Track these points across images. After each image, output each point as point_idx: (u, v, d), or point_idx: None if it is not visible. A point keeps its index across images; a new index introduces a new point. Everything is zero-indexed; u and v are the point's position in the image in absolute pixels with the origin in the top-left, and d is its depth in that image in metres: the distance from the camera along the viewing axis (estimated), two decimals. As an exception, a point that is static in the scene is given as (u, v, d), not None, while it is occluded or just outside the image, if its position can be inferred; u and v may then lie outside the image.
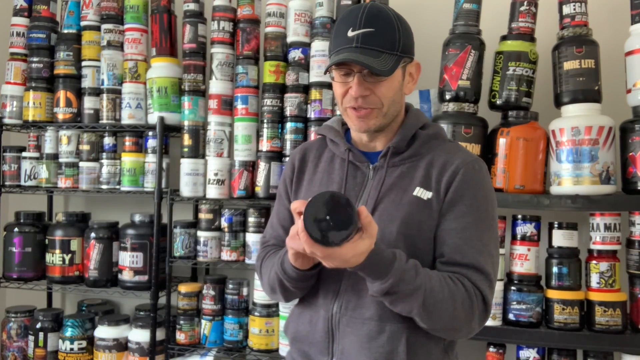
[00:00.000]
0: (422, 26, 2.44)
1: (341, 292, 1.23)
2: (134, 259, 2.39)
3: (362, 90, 1.19)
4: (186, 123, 2.38)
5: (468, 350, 2.32)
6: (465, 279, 1.16)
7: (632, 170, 1.92)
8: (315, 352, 1.25)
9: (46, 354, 2.48)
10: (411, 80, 1.28)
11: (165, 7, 2.46)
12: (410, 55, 1.24)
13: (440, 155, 1.25)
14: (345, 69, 1.20)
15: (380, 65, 1.15)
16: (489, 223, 1.22)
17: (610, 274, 1.94)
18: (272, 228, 1.39)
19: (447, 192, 1.20)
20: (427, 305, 1.11)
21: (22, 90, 2.60)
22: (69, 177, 2.53)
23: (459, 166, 1.22)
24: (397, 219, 1.19)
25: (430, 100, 2.33)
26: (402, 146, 1.26)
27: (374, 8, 1.19)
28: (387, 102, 1.21)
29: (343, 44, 1.19)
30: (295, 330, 1.30)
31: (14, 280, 2.54)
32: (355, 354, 1.19)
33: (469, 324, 1.17)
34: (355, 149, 1.30)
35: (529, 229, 2.02)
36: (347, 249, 1.02)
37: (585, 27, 2.00)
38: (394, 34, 1.18)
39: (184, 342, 2.35)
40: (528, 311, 1.97)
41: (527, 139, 2.00)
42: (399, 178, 1.24)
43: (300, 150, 1.40)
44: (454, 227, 1.19)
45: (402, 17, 1.26)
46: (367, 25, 1.17)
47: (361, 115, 1.21)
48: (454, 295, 1.13)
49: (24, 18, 2.63)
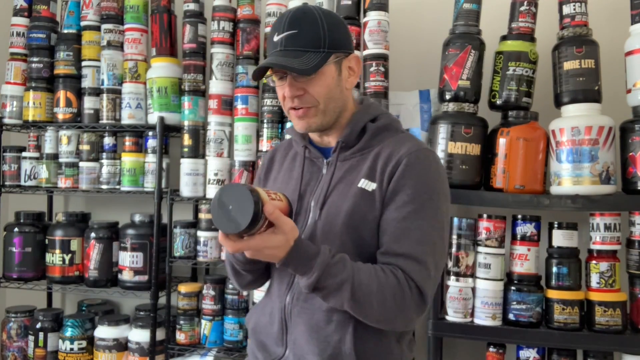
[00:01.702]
0: (422, 26, 2.46)
1: (294, 283, 1.26)
2: (134, 259, 2.39)
3: (295, 90, 1.22)
4: (186, 123, 2.38)
5: (468, 351, 2.33)
6: (398, 270, 1.16)
7: (632, 170, 1.92)
8: (271, 342, 1.29)
9: (46, 354, 2.48)
10: (352, 74, 1.29)
11: (165, 7, 2.46)
12: (343, 50, 1.25)
13: (388, 147, 1.26)
14: (280, 72, 1.23)
15: (301, 64, 1.17)
16: (432, 212, 1.20)
17: (610, 274, 1.94)
18: None
19: (389, 182, 1.21)
20: (357, 298, 1.12)
21: (22, 90, 2.60)
22: (69, 177, 2.53)
23: (403, 156, 1.22)
24: (342, 211, 1.22)
25: (430, 100, 2.34)
26: (352, 140, 1.28)
27: (299, 11, 1.22)
28: (323, 99, 1.23)
29: (271, 49, 1.23)
30: (256, 322, 1.34)
31: (14, 280, 2.54)
32: (305, 343, 1.22)
33: (403, 315, 1.17)
34: (311, 146, 1.34)
35: (528, 229, 2.02)
36: (257, 241, 1.06)
37: (585, 27, 2.00)
38: (317, 32, 1.20)
39: (184, 342, 2.35)
40: (528, 311, 1.97)
41: (527, 139, 2.00)
42: (347, 171, 1.27)
43: (271, 151, 1.47)
44: (394, 217, 1.19)
45: (333, 14, 1.28)
46: (289, 28, 1.20)
47: (299, 114, 1.25)
48: (383, 287, 1.13)
49: (24, 18, 2.63)
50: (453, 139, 2.04)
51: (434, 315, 2.04)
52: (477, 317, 2.02)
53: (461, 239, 2.04)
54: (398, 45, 2.37)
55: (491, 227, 2.03)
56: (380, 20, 2.19)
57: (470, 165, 2.04)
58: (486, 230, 2.03)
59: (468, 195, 2.04)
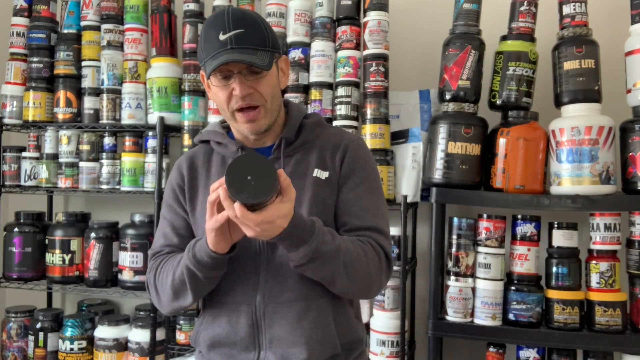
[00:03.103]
0: (422, 26, 2.46)
1: (261, 282, 1.25)
2: (134, 259, 2.39)
3: (246, 88, 1.21)
4: (186, 123, 2.38)
5: (468, 351, 2.33)
6: (370, 239, 1.25)
7: (632, 170, 1.92)
8: (238, 350, 1.26)
9: (46, 354, 2.48)
10: (284, 75, 1.33)
11: (165, 7, 2.46)
12: (279, 50, 1.29)
13: (330, 139, 1.34)
14: (225, 72, 1.22)
15: (259, 60, 1.19)
16: (378, 190, 1.35)
17: (610, 274, 1.94)
18: (165, 237, 1.37)
19: (341, 167, 1.31)
20: (347, 264, 1.17)
21: (22, 90, 2.60)
22: (69, 177, 2.53)
23: (347, 144, 1.33)
24: (304, 200, 1.25)
25: (430, 100, 2.34)
26: (292, 136, 1.32)
27: (237, 10, 1.23)
28: (269, 97, 1.25)
29: (217, 48, 1.20)
30: (211, 336, 1.29)
31: (14, 280, 2.54)
32: (287, 337, 1.22)
33: (379, 279, 1.27)
34: (246, 146, 1.33)
35: (528, 229, 2.02)
36: (272, 211, 1.05)
37: (585, 27, 2.00)
38: (262, 32, 1.22)
39: (184, 342, 2.35)
40: (528, 311, 1.98)
41: (527, 139, 2.00)
42: (296, 165, 1.30)
43: (186, 159, 1.39)
44: (351, 197, 1.29)
45: (261, 16, 1.30)
46: (236, 27, 1.19)
47: (250, 117, 1.24)
48: (366, 252, 1.22)
49: (24, 18, 2.63)
50: (453, 139, 2.04)
51: (434, 315, 2.04)
52: (477, 317, 2.02)
53: (461, 239, 2.05)
54: (398, 45, 2.37)
55: (491, 227, 2.03)
56: (380, 20, 2.19)
57: (470, 165, 2.04)
58: (486, 230, 2.03)
59: (468, 195, 2.05)
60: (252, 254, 1.26)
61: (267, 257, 1.25)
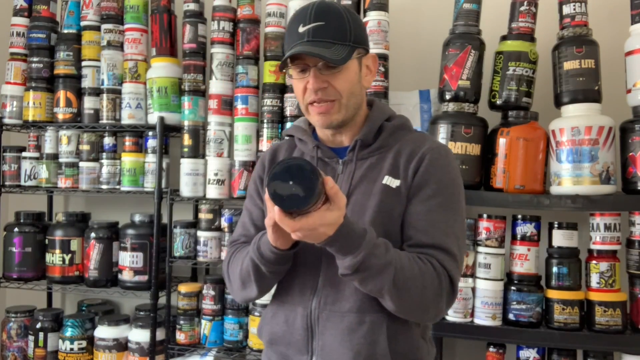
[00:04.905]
0: (422, 26, 2.46)
1: (319, 287, 1.23)
2: (134, 259, 2.39)
3: (320, 82, 1.20)
4: (186, 123, 2.38)
5: (468, 351, 2.33)
6: (433, 258, 1.16)
7: (632, 170, 1.92)
8: (293, 352, 1.25)
9: (46, 354, 2.48)
10: (369, 73, 1.30)
11: (165, 7, 2.46)
12: (364, 46, 1.26)
13: (408, 145, 1.27)
14: (302, 65, 1.21)
15: (332, 55, 1.17)
16: (455, 206, 1.23)
17: (610, 274, 1.94)
18: (243, 227, 1.38)
19: (414, 177, 1.22)
20: (397, 282, 1.10)
21: (22, 90, 2.60)
22: (69, 177, 2.53)
23: (425, 152, 1.24)
24: (368, 208, 1.21)
25: (430, 100, 2.34)
26: (370, 139, 1.28)
27: (322, 4, 1.22)
28: (346, 93, 1.22)
29: (295, 40, 1.20)
30: (270, 332, 1.29)
31: (14, 280, 2.54)
32: (337, 348, 1.19)
33: (437, 303, 1.17)
34: (323, 145, 1.31)
35: (529, 229, 2.02)
36: (314, 218, 1.00)
37: (585, 27, 2.00)
38: (344, 25, 1.20)
39: (184, 342, 2.35)
40: (528, 311, 1.97)
41: (527, 139, 2.00)
42: (368, 170, 1.26)
43: (271, 151, 1.41)
44: (420, 210, 1.20)
45: (353, 10, 1.28)
46: (316, 20, 1.19)
47: (322, 110, 1.23)
48: (423, 273, 1.13)
49: (24, 18, 2.63)
50: (453, 139, 2.04)
51: (434, 315, 2.04)
52: (477, 317, 2.02)
53: (461, 239, 2.05)
54: (398, 45, 2.37)
55: (491, 227, 2.03)
56: (380, 20, 2.19)
57: (470, 165, 2.04)
58: (486, 230, 2.03)
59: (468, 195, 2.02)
60: (315, 254, 1.22)
61: (328, 261, 1.20)
